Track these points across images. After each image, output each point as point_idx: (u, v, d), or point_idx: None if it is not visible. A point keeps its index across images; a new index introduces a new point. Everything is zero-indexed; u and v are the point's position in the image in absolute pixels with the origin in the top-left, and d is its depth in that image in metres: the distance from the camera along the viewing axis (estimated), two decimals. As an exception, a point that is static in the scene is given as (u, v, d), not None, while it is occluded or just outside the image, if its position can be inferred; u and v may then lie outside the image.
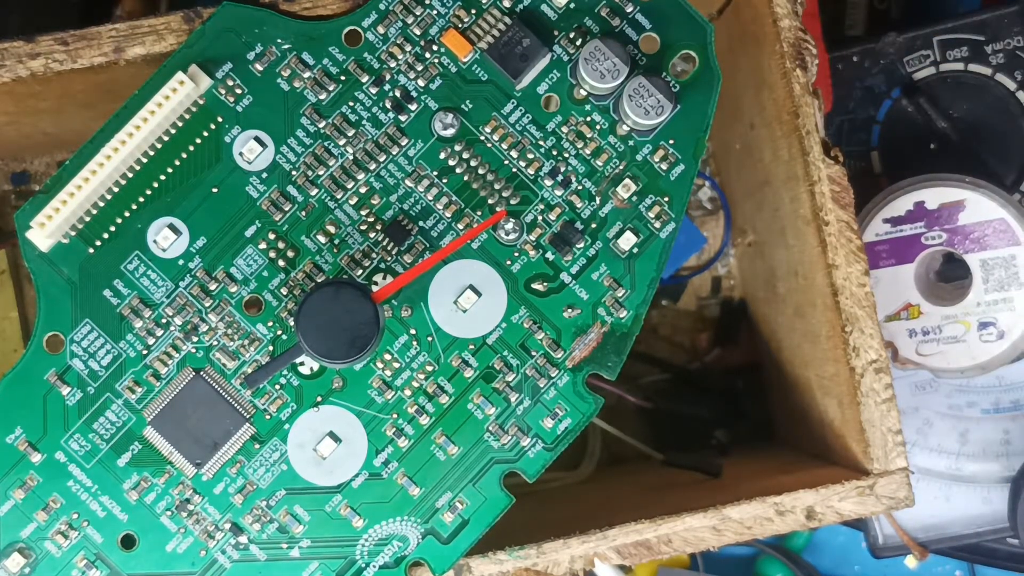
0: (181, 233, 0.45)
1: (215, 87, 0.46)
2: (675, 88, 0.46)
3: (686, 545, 0.48)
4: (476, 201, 0.46)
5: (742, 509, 0.48)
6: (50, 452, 0.45)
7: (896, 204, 0.57)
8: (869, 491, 0.48)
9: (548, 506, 0.58)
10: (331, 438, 0.46)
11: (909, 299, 0.57)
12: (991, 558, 0.62)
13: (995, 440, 0.59)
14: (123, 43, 0.46)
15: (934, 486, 0.60)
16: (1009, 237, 0.56)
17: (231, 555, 0.45)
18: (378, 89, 0.46)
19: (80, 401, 0.45)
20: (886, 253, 0.57)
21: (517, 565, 0.47)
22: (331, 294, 0.42)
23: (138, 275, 0.45)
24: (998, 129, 0.60)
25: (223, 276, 0.45)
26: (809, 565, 0.65)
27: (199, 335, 0.45)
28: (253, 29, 0.46)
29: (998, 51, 0.59)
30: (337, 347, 0.42)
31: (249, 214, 0.46)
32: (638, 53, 0.46)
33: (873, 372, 0.48)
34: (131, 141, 0.44)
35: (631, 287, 0.46)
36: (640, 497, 0.56)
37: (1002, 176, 0.60)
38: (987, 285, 0.56)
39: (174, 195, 0.45)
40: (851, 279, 0.48)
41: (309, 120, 0.46)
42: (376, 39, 0.46)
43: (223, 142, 0.46)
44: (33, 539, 0.45)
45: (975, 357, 0.57)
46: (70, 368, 0.45)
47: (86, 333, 0.45)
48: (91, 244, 0.45)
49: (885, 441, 0.48)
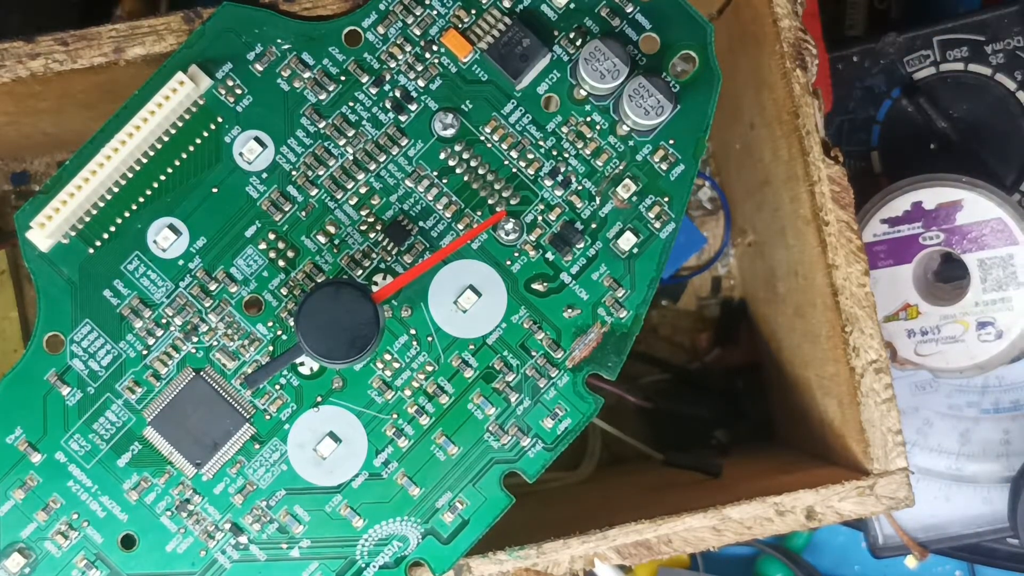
0: (181, 233, 0.45)
1: (215, 87, 0.45)
2: (675, 88, 0.46)
3: (686, 545, 0.48)
4: (476, 201, 0.46)
5: (742, 509, 0.47)
6: (50, 452, 0.44)
7: (894, 205, 0.57)
8: (869, 491, 0.48)
9: (548, 506, 0.57)
10: (331, 438, 0.45)
11: (907, 299, 0.57)
12: (991, 558, 0.62)
13: (995, 440, 0.59)
14: (123, 43, 0.46)
15: (934, 486, 0.60)
16: (1007, 236, 0.56)
17: (231, 555, 0.45)
18: (378, 89, 0.46)
19: (80, 401, 0.45)
20: (884, 254, 0.57)
21: (517, 565, 0.47)
22: (331, 294, 0.42)
23: (138, 275, 0.45)
24: (998, 129, 0.59)
25: (223, 276, 0.45)
26: (809, 565, 0.65)
27: (199, 335, 0.45)
28: (253, 29, 0.46)
29: (998, 51, 0.59)
30: (337, 347, 0.42)
31: (249, 214, 0.45)
32: (638, 53, 0.46)
33: (873, 372, 0.48)
34: (131, 141, 0.44)
35: (631, 287, 0.46)
36: (640, 497, 0.56)
37: (1002, 176, 0.60)
38: (985, 285, 0.56)
39: (174, 195, 0.45)
40: (851, 279, 0.48)
41: (309, 120, 0.46)
42: (376, 39, 0.46)
43: (223, 142, 0.45)
44: (33, 539, 0.45)
45: (974, 357, 0.56)
46: (70, 368, 0.45)
47: (86, 333, 0.45)
48: (91, 244, 0.45)
49: (885, 441, 0.48)
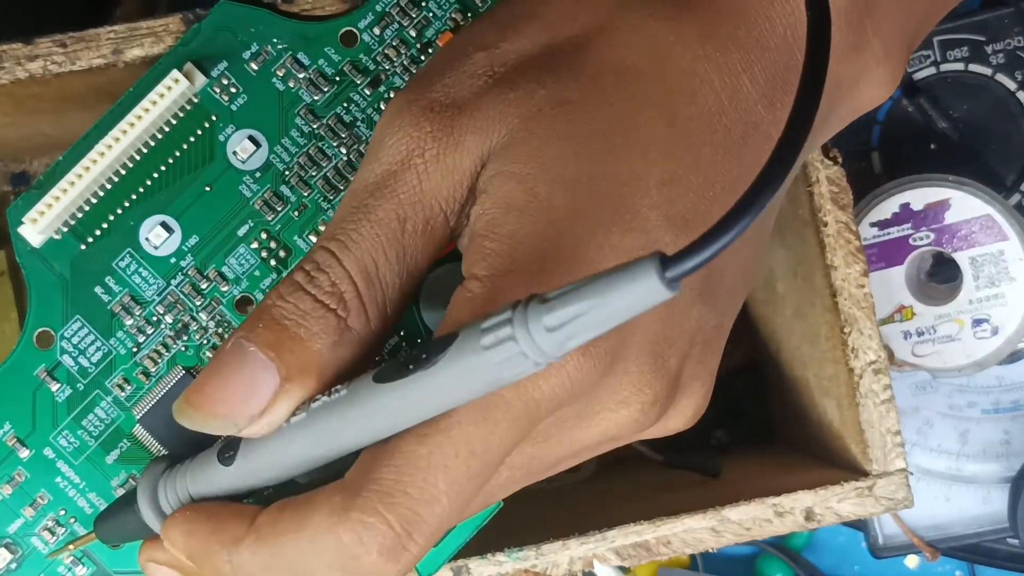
0: (173, 231, 0.43)
1: (210, 85, 0.43)
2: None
3: (685, 546, 0.46)
4: (470, 200, 0.43)
5: (741, 510, 0.46)
6: (38, 448, 0.42)
7: (882, 208, 0.56)
8: (868, 492, 0.46)
9: (547, 507, 0.56)
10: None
11: (901, 301, 0.56)
12: (991, 558, 0.60)
13: (995, 440, 0.58)
14: (121, 45, 0.44)
15: (934, 486, 0.58)
16: (996, 232, 0.55)
17: (223, 553, 0.42)
18: (373, 91, 0.43)
19: (69, 398, 0.42)
20: (875, 257, 0.56)
21: (516, 566, 0.45)
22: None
23: (130, 272, 0.43)
24: (998, 129, 0.58)
25: (215, 275, 0.43)
26: (810, 564, 0.63)
27: (190, 333, 0.43)
28: (249, 28, 0.43)
29: (998, 51, 0.58)
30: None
31: (242, 213, 0.43)
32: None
33: (872, 373, 0.47)
34: (125, 138, 0.42)
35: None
36: (639, 498, 0.54)
37: (1002, 176, 0.58)
38: (978, 282, 0.55)
39: (167, 193, 0.43)
40: (849, 280, 0.47)
41: (304, 120, 0.43)
42: (372, 40, 0.44)
43: (217, 141, 0.43)
44: (20, 535, 0.42)
45: (971, 355, 0.55)
46: (60, 364, 0.42)
47: (77, 329, 0.42)
48: (83, 241, 0.43)
49: (884, 442, 0.47)
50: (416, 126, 0.35)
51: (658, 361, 0.34)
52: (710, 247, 0.27)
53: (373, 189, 0.36)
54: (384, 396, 0.32)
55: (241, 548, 0.34)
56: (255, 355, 0.34)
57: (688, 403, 0.37)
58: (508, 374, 0.30)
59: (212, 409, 0.34)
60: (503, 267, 0.33)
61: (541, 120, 0.35)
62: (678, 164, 0.34)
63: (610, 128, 0.34)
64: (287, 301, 0.35)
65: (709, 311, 0.36)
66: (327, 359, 0.34)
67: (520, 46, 0.36)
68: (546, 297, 0.29)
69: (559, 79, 0.35)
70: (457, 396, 0.31)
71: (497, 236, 0.34)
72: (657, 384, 0.34)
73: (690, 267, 0.27)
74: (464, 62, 0.36)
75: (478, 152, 0.35)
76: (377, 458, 0.32)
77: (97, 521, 0.40)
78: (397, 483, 0.31)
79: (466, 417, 0.32)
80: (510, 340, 0.29)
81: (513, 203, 0.34)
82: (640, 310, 0.27)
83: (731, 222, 0.27)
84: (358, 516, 0.31)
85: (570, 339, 0.28)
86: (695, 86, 0.35)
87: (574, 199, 0.33)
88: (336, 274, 0.35)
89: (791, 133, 0.29)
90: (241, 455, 0.35)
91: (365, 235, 0.35)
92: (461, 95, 0.36)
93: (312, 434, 0.34)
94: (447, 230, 0.36)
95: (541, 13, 0.37)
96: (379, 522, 0.31)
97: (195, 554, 0.35)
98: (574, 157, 0.34)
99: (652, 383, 0.34)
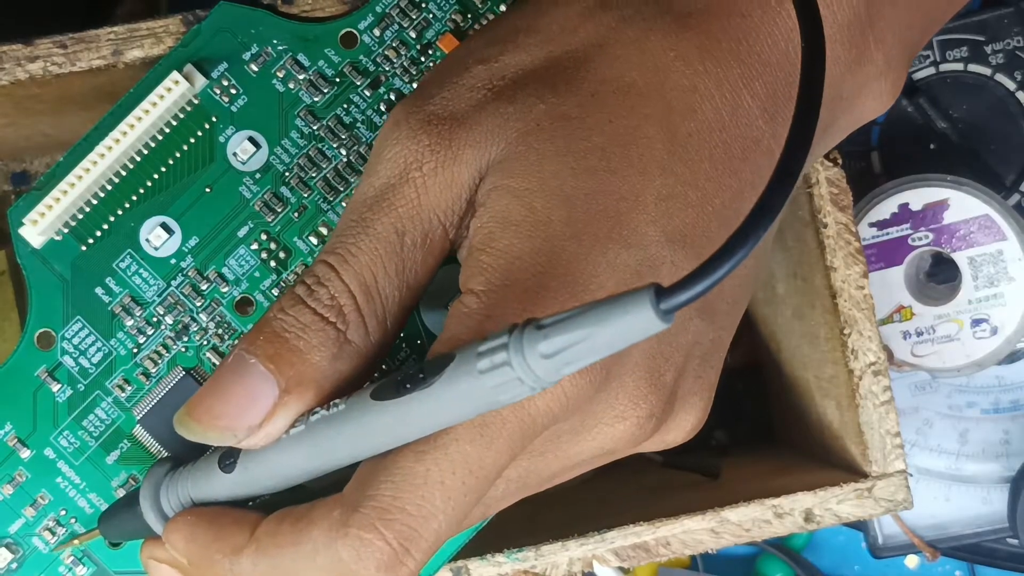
0: (174, 232, 0.42)
1: (210, 87, 0.43)
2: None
3: (684, 547, 0.46)
4: (469, 201, 0.43)
5: (740, 511, 0.46)
6: (39, 448, 0.42)
7: (880, 208, 0.55)
8: (867, 493, 0.46)
9: (546, 508, 0.55)
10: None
11: (900, 301, 0.56)
12: (991, 558, 0.60)
13: (995, 440, 0.58)
14: (121, 46, 0.44)
15: (934, 486, 0.58)
16: (995, 232, 0.54)
17: (223, 554, 0.42)
18: (373, 92, 0.43)
19: (70, 398, 0.42)
20: (874, 257, 0.55)
21: (515, 568, 0.45)
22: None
23: (130, 273, 0.42)
24: (998, 129, 0.58)
25: (215, 276, 0.42)
26: (810, 564, 0.62)
27: (190, 334, 0.42)
28: (249, 29, 0.43)
29: (998, 51, 0.57)
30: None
31: (242, 215, 0.43)
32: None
33: (872, 374, 0.46)
34: (125, 140, 0.42)
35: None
36: (639, 499, 0.54)
37: (1002, 176, 0.58)
38: (977, 282, 0.55)
39: (167, 194, 0.42)
40: (849, 281, 0.46)
41: (304, 122, 0.43)
42: (372, 42, 0.43)
43: (217, 142, 0.43)
44: (21, 535, 0.42)
45: (970, 355, 0.55)
46: (60, 365, 0.42)
47: (77, 330, 0.42)
48: (84, 242, 0.42)
49: (883, 443, 0.46)
50: (414, 139, 0.35)
51: (654, 376, 0.34)
52: (705, 279, 0.27)
53: (372, 203, 0.35)
54: (381, 414, 0.32)
55: (242, 558, 0.33)
56: (255, 367, 0.34)
57: (686, 417, 0.36)
58: (503, 397, 0.30)
59: (213, 422, 0.34)
60: (499, 282, 0.33)
61: (540, 135, 0.34)
62: (676, 180, 0.34)
63: (609, 144, 0.34)
64: (288, 314, 0.34)
65: (707, 325, 0.35)
66: (326, 372, 0.34)
67: (520, 60, 0.36)
68: (542, 323, 0.28)
69: (558, 94, 0.35)
70: (452, 416, 0.31)
71: (494, 251, 0.33)
72: (653, 398, 0.34)
73: (684, 300, 0.26)
74: (463, 75, 0.36)
75: (476, 165, 0.35)
76: (375, 473, 0.32)
77: (101, 519, 0.40)
78: (395, 499, 0.31)
79: (463, 435, 0.31)
80: (505, 365, 0.29)
81: (510, 218, 0.33)
82: (634, 340, 0.27)
83: (726, 254, 0.27)
84: (356, 532, 0.31)
85: (565, 365, 0.28)
86: (695, 102, 0.34)
87: (572, 215, 0.33)
88: (335, 288, 0.34)
89: (785, 163, 0.28)
90: (241, 463, 0.35)
91: (364, 249, 0.35)
92: (460, 108, 0.35)
93: (310, 447, 0.34)
94: (446, 243, 0.35)
95: (541, 27, 0.36)
96: (377, 538, 0.31)
97: (196, 560, 0.35)
98: (572, 173, 0.34)
99: (648, 397, 0.34)
